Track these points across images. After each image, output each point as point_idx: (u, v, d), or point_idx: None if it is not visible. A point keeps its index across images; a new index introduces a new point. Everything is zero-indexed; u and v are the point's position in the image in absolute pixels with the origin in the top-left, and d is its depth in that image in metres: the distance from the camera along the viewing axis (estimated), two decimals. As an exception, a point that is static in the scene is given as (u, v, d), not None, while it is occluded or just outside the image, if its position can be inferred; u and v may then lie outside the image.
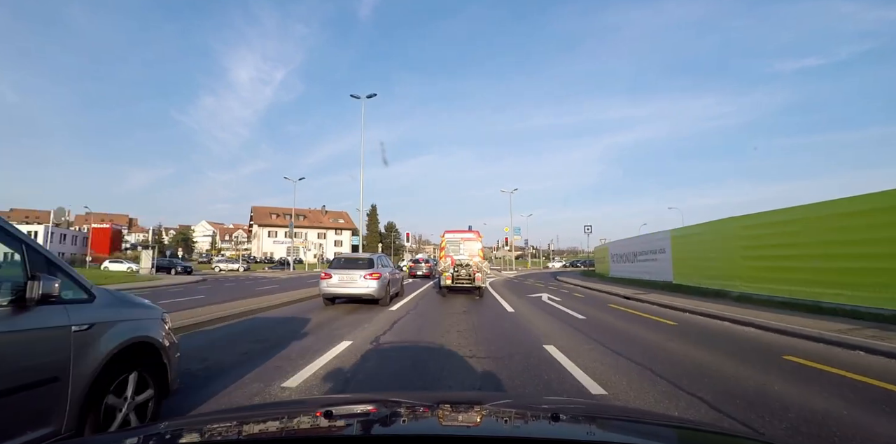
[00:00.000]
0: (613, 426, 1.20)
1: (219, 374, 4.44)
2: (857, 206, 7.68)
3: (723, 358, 5.22)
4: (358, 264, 11.91)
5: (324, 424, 1.06)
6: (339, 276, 11.48)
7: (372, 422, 1.13)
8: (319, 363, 4.86)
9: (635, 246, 19.82)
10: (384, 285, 11.46)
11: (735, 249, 11.41)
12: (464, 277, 13.80)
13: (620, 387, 4.02)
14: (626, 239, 22.38)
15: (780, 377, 4.30)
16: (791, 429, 2.98)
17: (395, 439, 0.98)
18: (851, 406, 3.43)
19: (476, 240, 15.72)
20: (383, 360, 5.20)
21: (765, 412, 3.30)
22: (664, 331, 7.42)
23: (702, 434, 1.21)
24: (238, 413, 1.55)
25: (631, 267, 20.36)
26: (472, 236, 15.87)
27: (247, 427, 1.11)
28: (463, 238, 15.61)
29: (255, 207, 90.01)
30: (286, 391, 3.89)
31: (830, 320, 7.15)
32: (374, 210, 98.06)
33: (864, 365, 4.81)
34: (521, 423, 1.18)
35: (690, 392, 3.80)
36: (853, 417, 3.20)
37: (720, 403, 3.51)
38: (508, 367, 4.75)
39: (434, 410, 1.26)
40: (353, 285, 11.18)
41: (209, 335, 6.85)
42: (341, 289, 11.30)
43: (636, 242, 19.91)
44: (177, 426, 1.18)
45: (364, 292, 11.08)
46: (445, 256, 15.11)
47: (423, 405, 1.32)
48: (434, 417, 1.20)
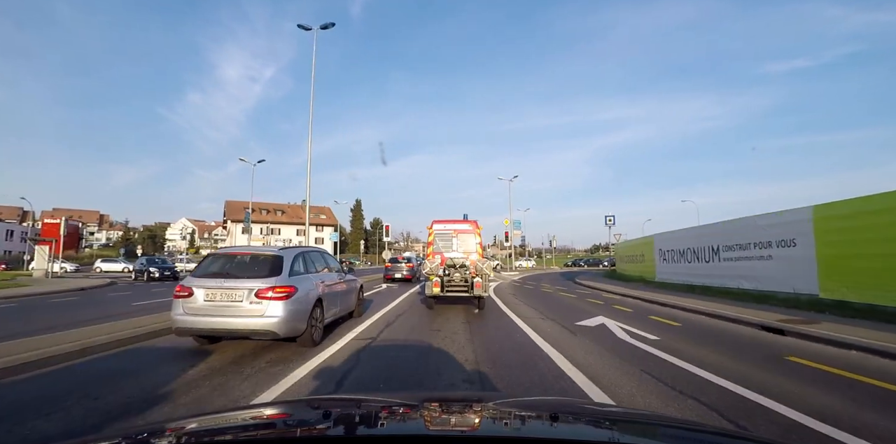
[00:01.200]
0: (612, 427, 1.17)
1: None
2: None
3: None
4: (247, 269, 5.93)
5: (320, 424, 1.07)
6: (208, 292, 5.39)
7: (371, 422, 1.11)
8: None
9: (714, 237, 13.39)
10: (300, 309, 5.82)
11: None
12: (458, 282, 10.06)
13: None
14: (693, 228, 16.03)
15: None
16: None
17: (395, 439, 0.97)
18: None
19: (473, 232, 11.96)
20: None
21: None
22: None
23: (701, 435, 1.19)
24: (233, 413, 1.54)
25: (703, 268, 13.99)
26: (469, 227, 12.12)
27: (243, 427, 1.12)
28: (456, 230, 11.90)
29: (229, 202, 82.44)
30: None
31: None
32: (359, 205, 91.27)
33: None
34: (519, 423, 1.16)
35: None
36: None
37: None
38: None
39: (431, 410, 1.27)
40: (233, 311, 5.49)
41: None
42: (209, 319, 5.49)
43: (715, 231, 13.48)
44: (174, 426, 1.17)
45: (255, 326, 5.46)
46: (433, 253, 11.42)
47: (421, 405, 1.35)
48: (432, 417, 1.19)
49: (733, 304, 9.86)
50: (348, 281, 8.13)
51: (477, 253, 11.54)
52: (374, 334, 6.84)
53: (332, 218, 76.85)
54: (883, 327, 6.40)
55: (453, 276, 10.03)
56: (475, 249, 11.63)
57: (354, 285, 8.58)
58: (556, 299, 13.40)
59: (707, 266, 13.78)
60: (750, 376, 4.34)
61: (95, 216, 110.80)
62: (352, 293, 8.28)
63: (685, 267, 15.62)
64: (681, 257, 15.99)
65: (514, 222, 41.23)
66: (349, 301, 8.09)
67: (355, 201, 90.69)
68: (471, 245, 11.64)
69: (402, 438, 0.97)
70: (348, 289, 8.04)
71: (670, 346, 5.82)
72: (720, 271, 12.89)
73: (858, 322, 6.96)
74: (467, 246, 11.58)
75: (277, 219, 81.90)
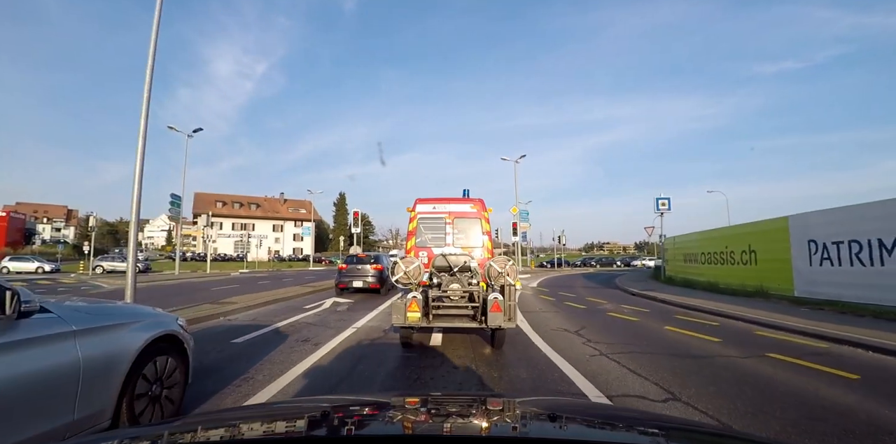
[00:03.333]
0: (611, 426, 1.15)
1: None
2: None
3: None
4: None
5: (321, 424, 1.06)
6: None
7: (369, 422, 1.12)
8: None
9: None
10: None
11: None
12: (455, 300, 5.57)
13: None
14: (890, 201, 8.48)
15: None
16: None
17: (395, 439, 0.96)
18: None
19: (478, 216, 7.23)
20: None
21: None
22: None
23: (700, 435, 1.17)
24: (235, 413, 1.54)
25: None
26: (471, 207, 7.28)
27: (245, 427, 1.09)
28: (452, 213, 7.21)
29: (199, 194, 73.91)
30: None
31: None
32: (343, 199, 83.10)
33: None
34: (518, 423, 1.14)
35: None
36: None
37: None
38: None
39: (431, 410, 1.25)
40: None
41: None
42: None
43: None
44: (173, 428, 1.17)
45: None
46: (416, 248, 7.06)
47: (421, 405, 1.32)
48: (432, 417, 1.17)
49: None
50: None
51: (484, 248, 7.11)
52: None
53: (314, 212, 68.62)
54: None
55: (449, 288, 5.55)
56: (482, 242, 7.16)
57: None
58: (670, 339, 5.77)
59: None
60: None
61: (62, 211, 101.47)
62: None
63: (875, 272, 8.16)
64: (864, 253, 8.45)
65: (522, 213, 33.56)
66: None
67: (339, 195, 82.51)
68: (474, 236, 7.20)
69: (402, 438, 0.95)
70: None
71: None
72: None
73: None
74: (469, 238, 7.19)
75: (251, 213, 73.52)
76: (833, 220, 9.53)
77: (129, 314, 2.77)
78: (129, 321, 2.65)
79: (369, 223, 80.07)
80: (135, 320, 2.72)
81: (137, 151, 7.13)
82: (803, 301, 9.84)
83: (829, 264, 9.56)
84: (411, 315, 5.20)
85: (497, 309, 5.12)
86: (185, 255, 62.13)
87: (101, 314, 2.53)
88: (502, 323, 5.17)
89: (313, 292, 13.74)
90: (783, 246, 10.93)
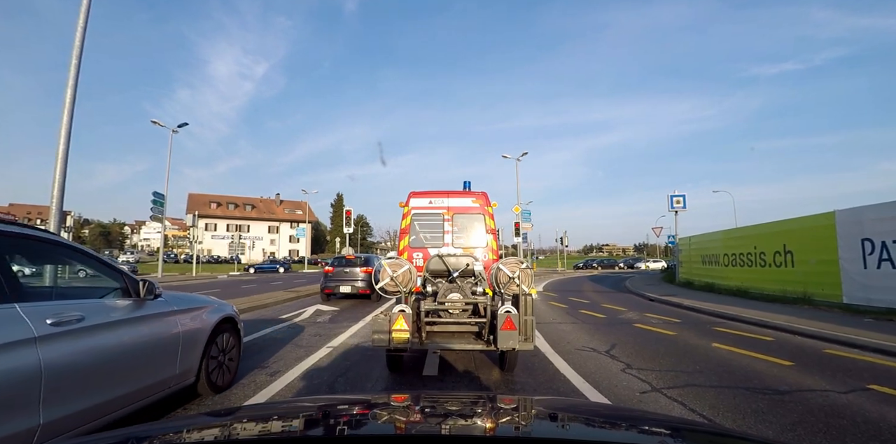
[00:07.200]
0: (612, 426, 1.12)
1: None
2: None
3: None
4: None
5: (321, 424, 1.05)
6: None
7: (368, 422, 1.09)
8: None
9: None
10: None
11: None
12: (455, 313, 4.32)
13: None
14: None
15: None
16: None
17: (395, 439, 0.93)
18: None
19: (481, 212, 6.07)
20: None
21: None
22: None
23: (700, 435, 1.12)
24: (234, 413, 1.51)
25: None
26: (472, 201, 6.13)
27: (244, 427, 1.07)
28: (451, 208, 6.08)
29: (192, 195, 72.43)
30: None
31: None
32: (340, 200, 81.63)
33: None
34: (518, 423, 1.12)
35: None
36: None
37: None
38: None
39: (431, 410, 1.22)
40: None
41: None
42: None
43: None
44: (170, 428, 1.16)
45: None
46: (409, 249, 6.02)
47: (421, 404, 1.29)
48: (432, 417, 1.14)
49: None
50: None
51: (489, 249, 5.90)
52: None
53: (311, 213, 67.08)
54: None
55: (447, 298, 4.37)
56: (486, 241, 5.95)
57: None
58: (728, 363, 4.39)
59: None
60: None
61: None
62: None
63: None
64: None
65: (524, 213, 32.20)
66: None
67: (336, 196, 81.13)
68: (477, 235, 5.97)
69: (402, 438, 0.93)
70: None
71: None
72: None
73: None
74: (470, 236, 5.97)
75: (246, 214, 71.97)
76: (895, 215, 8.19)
77: (203, 301, 3.74)
78: (205, 305, 3.67)
79: (367, 225, 78.80)
80: (208, 305, 3.74)
81: (63, 120, 5.77)
82: (859, 310, 8.48)
83: (889, 267, 8.21)
84: (398, 336, 3.90)
85: (510, 326, 3.94)
86: (179, 257, 60.71)
87: (188, 300, 3.51)
88: (517, 345, 3.96)
89: (297, 298, 12.35)
90: (828, 245, 9.57)
